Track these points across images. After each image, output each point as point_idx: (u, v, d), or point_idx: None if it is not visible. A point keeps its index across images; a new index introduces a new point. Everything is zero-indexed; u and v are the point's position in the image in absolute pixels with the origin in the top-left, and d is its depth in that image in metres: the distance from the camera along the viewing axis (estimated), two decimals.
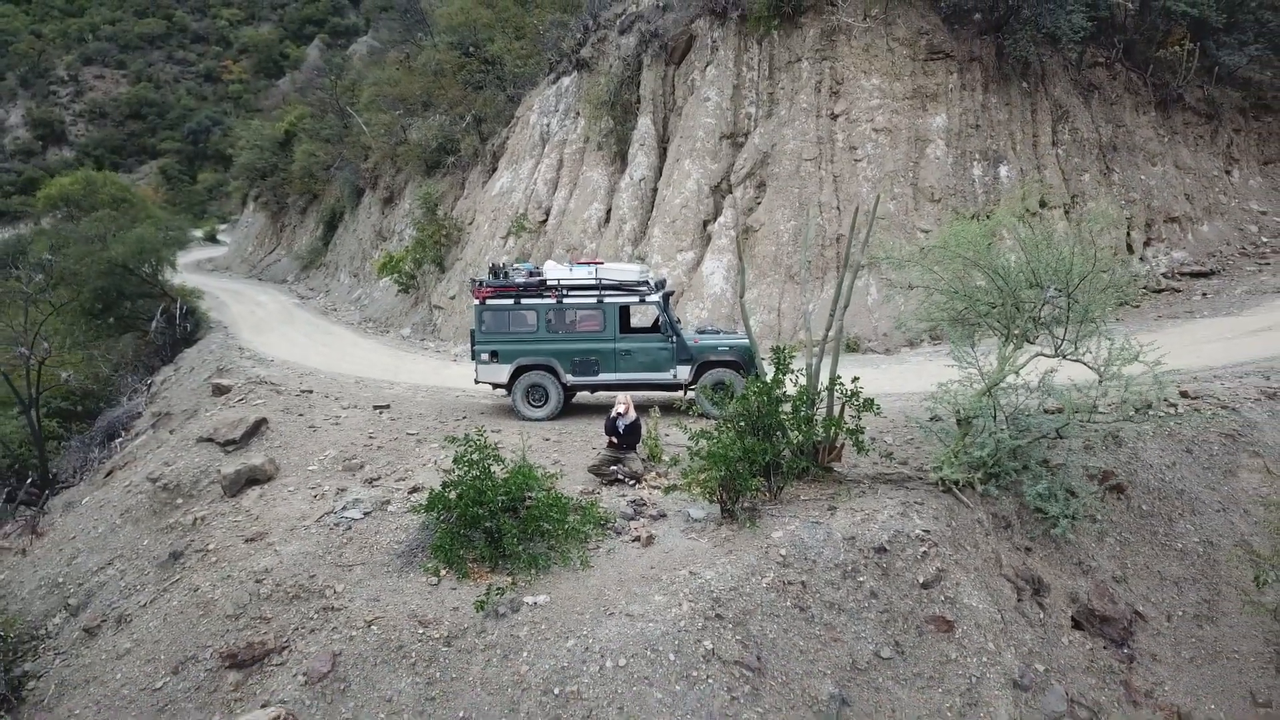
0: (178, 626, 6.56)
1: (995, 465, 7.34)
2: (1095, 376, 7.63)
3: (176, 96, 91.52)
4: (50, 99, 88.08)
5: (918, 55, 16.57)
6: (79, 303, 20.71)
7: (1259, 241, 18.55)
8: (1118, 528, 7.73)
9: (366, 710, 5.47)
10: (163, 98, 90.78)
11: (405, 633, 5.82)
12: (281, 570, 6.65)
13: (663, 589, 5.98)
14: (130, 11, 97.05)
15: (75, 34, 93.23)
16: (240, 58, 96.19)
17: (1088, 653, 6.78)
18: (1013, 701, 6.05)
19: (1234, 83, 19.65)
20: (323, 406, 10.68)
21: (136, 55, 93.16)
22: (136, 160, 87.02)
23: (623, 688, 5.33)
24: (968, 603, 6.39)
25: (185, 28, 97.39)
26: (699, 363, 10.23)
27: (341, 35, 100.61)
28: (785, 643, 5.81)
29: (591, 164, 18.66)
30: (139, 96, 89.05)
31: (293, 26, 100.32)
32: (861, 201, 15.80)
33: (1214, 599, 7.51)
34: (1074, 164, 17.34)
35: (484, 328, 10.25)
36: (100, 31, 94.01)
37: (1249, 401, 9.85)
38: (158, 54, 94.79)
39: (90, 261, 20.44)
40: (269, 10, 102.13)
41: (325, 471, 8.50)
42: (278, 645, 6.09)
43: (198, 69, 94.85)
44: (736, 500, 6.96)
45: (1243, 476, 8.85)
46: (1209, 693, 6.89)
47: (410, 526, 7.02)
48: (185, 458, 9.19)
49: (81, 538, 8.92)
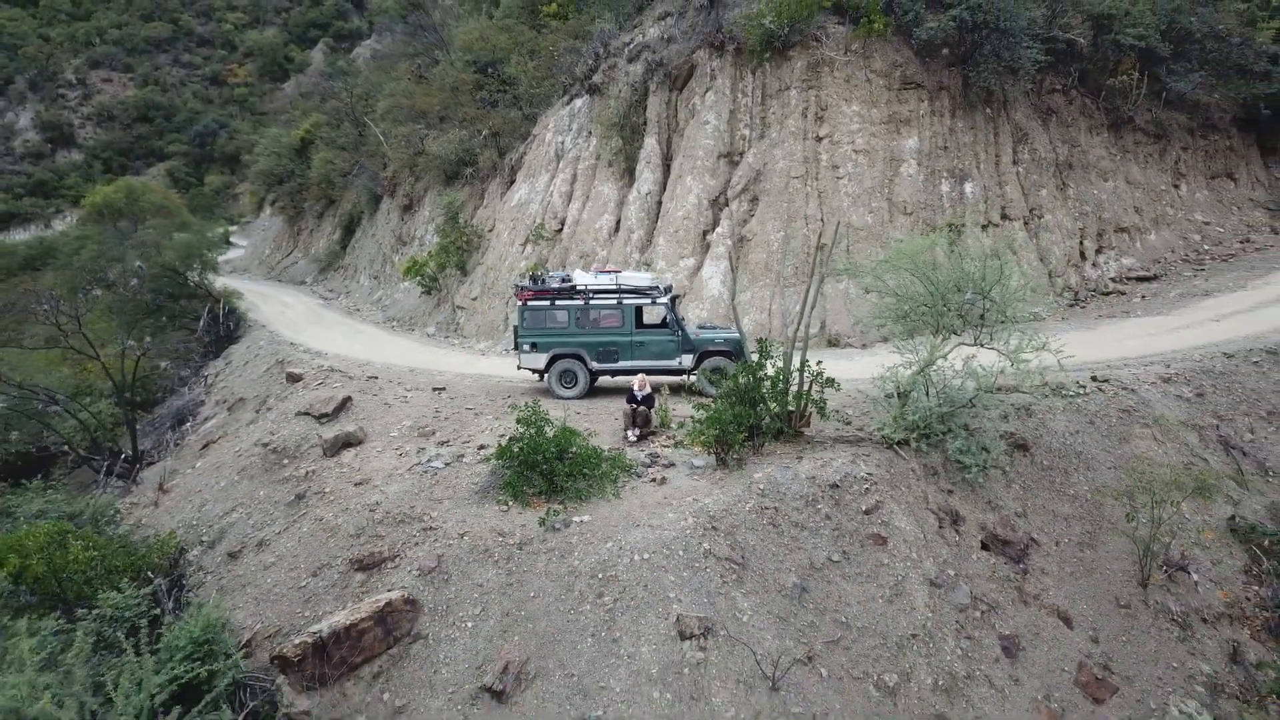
0: (310, 545, 8.92)
1: (926, 428, 9.70)
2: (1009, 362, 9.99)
3: (183, 100, 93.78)
4: (59, 102, 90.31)
5: (893, 85, 18.97)
6: (136, 303, 23.03)
7: (1201, 249, 20.97)
8: (1022, 477, 10.11)
9: (464, 592, 7.84)
10: (169, 101, 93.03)
11: (488, 541, 8.18)
12: (388, 503, 9.02)
13: (673, 510, 8.35)
14: (136, 15, 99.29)
15: (83, 38, 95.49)
16: (245, 61, 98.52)
17: (991, 566, 9.15)
18: (928, 594, 8.42)
19: (1182, 105, 22.05)
20: (389, 389, 13.06)
21: (143, 59, 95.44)
22: (144, 163, 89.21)
23: (646, 573, 7.70)
24: (899, 525, 8.76)
25: (191, 31, 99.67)
26: (699, 352, 12.65)
27: (345, 39, 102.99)
28: (761, 548, 8.19)
29: (602, 179, 21.03)
30: (146, 100, 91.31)
31: (297, 30, 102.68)
32: (843, 215, 18.21)
33: (1095, 531, 9.89)
34: (1033, 180, 19.75)
35: (525, 324, 12.68)
36: (107, 35, 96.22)
37: (1147, 384, 12.26)
38: (164, 57, 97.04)
39: (148, 265, 22.75)
40: (273, 14, 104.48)
41: (404, 437, 10.88)
42: (391, 554, 8.45)
43: (203, 72, 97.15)
44: (728, 452, 9.33)
45: (1134, 442, 11.23)
46: (1083, 598, 9.27)
47: (482, 473, 9.38)
48: (288, 428, 11.56)
49: (205, 491, 11.26)
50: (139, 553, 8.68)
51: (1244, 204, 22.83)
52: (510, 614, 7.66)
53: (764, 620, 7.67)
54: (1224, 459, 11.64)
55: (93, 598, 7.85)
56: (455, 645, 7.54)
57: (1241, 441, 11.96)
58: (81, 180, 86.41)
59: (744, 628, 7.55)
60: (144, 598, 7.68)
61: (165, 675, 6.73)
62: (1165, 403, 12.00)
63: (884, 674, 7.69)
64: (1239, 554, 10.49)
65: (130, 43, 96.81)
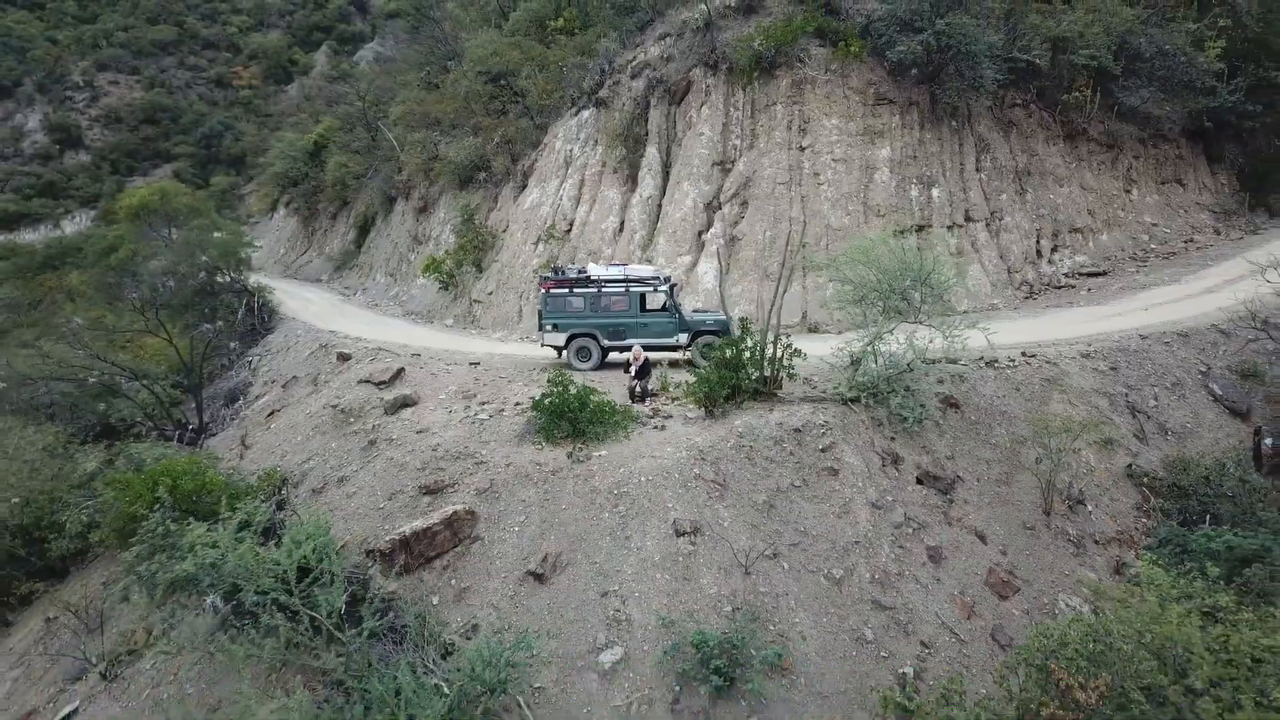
0: (384, 478, 11.48)
1: (874, 388, 12.27)
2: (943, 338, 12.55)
3: (189, 102, 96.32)
4: (67, 104, 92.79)
5: (868, 101, 21.58)
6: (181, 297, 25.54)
7: (1148, 248, 23.59)
8: (953, 429, 12.69)
9: (511, 505, 10.40)
10: (175, 103, 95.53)
11: (528, 469, 10.75)
12: (445, 445, 11.59)
13: (671, 446, 10.92)
14: (142, 18, 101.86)
15: (89, 40, 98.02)
16: (250, 64, 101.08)
17: (923, 496, 11.72)
18: (870, 514, 10.98)
19: (1134, 118, 24.65)
20: (431, 364, 15.63)
21: (149, 61, 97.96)
22: (151, 164, 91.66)
23: (650, 490, 10.27)
24: (848, 461, 11.33)
25: (196, 34, 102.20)
26: (693, 332, 15.26)
27: (348, 42, 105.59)
28: (739, 474, 10.75)
29: (608, 184, 23.62)
30: (152, 102, 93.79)
31: (300, 33, 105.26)
32: (823, 217, 20.81)
33: (1011, 472, 12.46)
34: (994, 186, 22.35)
35: (548, 308, 15.27)
36: (114, 38, 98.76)
37: (1068, 359, 14.86)
38: (169, 60, 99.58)
39: (190, 263, 25.28)
40: (277, 17, 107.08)
41: (451, 399, 13.44)
42: (451, 482, 11.01)
43: (209, 75, 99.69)
44: (714, 406, 11.91)
45: (1052, 404, 13.80)
46: (997, 522, 11.83)
47: (519, 422, 11.96)
48: (352, 393, 14.13)
49: (283, 446, 13.81)
50: (251, 483, 11.21)
51: (1191, 207, 25.45)
52: (546, 521, 10.22)
53: (740, 526, 10.23)
54: (1130, 420, 14.24)
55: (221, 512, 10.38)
56: (505, 544, 10.10)
57: (1146, 407, 14.57)
58: (90, 181, 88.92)
59: (724, 531, 10.11)
60: (267, 509, 10.21)
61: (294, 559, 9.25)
62: (1082, 374, 14.60)
63: (832, 569, 10.24)
64: (1133, 494, 13.08)
65: (136, 45, 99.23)
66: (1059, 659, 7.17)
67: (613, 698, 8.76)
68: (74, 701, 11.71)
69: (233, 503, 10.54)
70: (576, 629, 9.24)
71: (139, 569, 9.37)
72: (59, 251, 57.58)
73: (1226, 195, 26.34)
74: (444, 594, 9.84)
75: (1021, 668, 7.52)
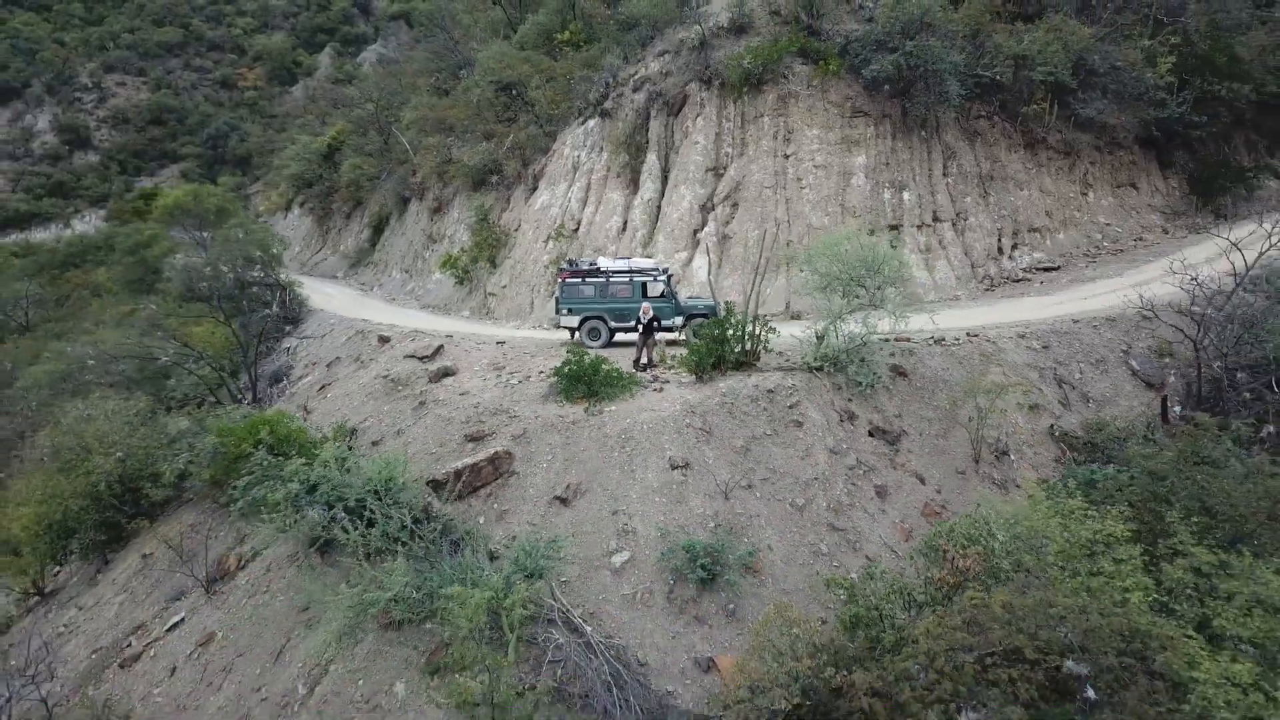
0: (435, 430, 14.32)
1: (834, 359, 15.12)
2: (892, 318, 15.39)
3: (194, 103, 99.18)
4: (75, 105, 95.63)
5: (845, 114, 24.45)
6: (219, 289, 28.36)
7: (1100, 246, 26.47)
8: (901, 393, 15.54)
9: (540, 448, 13.24)
10: (181, 104, 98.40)
11: (553, 420, 13.60)
12: (484, 404, 14.44)
13: (667, 403, 13.78)
14: (148, 20, 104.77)
15: (97, 42, 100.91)
16: (254, 65, 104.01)
17: (873, 446, 14.56)
18: (828, 457, 13.82)
19: (1090, 127, 27.53)
20: (462, 344, 18.48)
21: (156, 63, 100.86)
22: (158, 164, 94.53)
23: (650, 435, 13.12)
24: (811, 416, 14.18)
25: (201, 36, 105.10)
26: (687, 315, 18.12)
27: (352, 44, 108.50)
28: (721, 425, 13.60)
29: (612, 187, 26.49)
30: (159, 103, 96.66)
31: (304, 35, 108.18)
32: (805, 218, 23.65)
33: (948, 429, 15.31)
34: (959, 189, 25.23)
35: (564, 295, 18.15)
36: (120, 39, 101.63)
37: (1006, 339, 17.73)
38: (175, 62, 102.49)
39: (232, 260, 28.11)
40: (281, 19, 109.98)
41: (484, 370, 16.29)
42: (491, 431, 13.85)
43: (214, 76, 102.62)
44: (703, 373, 14.76)
45: (988, 375, 16.63)
46: (934, 468, 14.67)
47: (543, 386, 14.81)
48: (399, 365, 16.98)
49: (342, 410, 16.64)
50: (326, 434, 14.05)
51: (1143, 209, 28.31)
52: (568, 459, 13.07)
53: (721, 463, 13.08)
54: (1056, 390, 17.11)
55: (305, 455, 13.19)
56: (536, 477, 12.95)
57: (1072, 379, 17.44)
58: (99, 181, 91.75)
59: (709, 466, 12.96)
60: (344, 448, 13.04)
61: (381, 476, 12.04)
62: (1017, 351, 17.47)
63: (795, 498, 13.08)
64: (1053, 449, 15.94)
65: (143, 47, 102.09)
66: (947, 539, 10.02)
67: (622, 588, 11.60)
68: (179, 614, 14.58)
69: (312, 450, 13.41)
70: (593, 538, 12.08)
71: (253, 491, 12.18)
72: (79, 250, 60.52)
73: (1177, 198, 29.21)
74: (488, 515, 12.69)
75: (923, 550, 10.37)
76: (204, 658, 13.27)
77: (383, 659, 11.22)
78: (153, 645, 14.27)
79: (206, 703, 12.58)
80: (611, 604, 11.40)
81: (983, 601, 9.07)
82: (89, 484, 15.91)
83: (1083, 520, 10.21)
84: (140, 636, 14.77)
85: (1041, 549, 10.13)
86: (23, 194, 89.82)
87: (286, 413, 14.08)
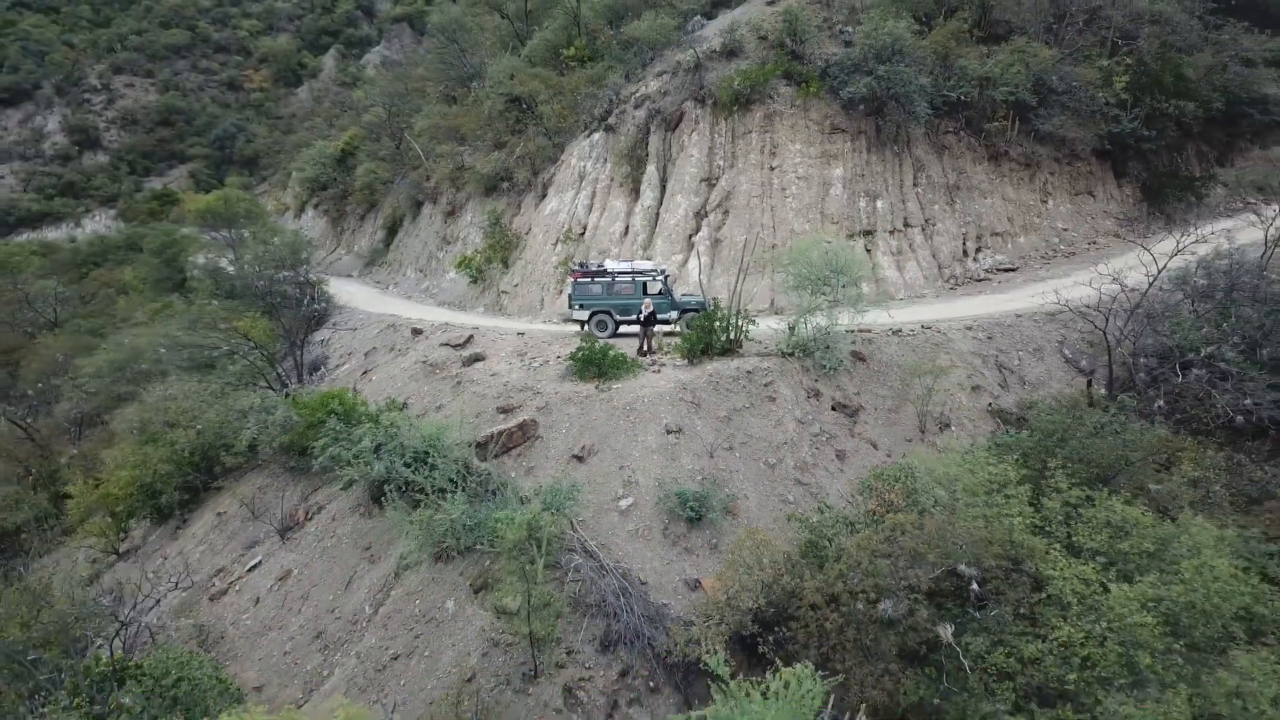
0: (471, 403, 17.52)
1: (804, 346, 18.31)
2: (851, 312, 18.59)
3: (202, 104, 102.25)
4: (84, 106, 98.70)
5: (825, 130, 27.65)
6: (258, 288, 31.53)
7: (1057, 249, 29.68)
8: (861, 374, 18.75)
9: (560, 417, 16.46)
10: (189, 105, 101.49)
11: (570, 395, 16.82)
12: (512, 382, 17.65)
13: (664, 381, 17.01)
14: (155, 22, 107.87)
15: (105, 44, 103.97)
16: (260, 67, 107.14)
17: (835, 418, 17.76)
18: (796, 426, 17.02)
19: (1050, 140, 30.70)
20: (488, 334, 21.69)
21: (163, 65, 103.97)
22: (167, 165, 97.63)
23: (650, 407, 16.35)
24: (783, 393, 17.38)
25: (208, 38, 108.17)
26: (681, 309, 21.33)
27: (355, 46, 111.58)
28: (708, 399, 16.81)
29: (615, 196, 29.68)
30: (167, 105, 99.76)
31: (309, 37, 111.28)
32: (789, 224, 26.84)
33: (899, 405, 18.52)
34: (928, 198, 28.43)
35: (576, 293, 21.35)
36: (128, 41, 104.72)
37: (955, 330, 20.95)
38: (182, 63, 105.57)
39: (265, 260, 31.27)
40: (286, 21, 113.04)
41: (509, 355, 19.48)
42: (518, 404, 17.07)
43: (220, 78, 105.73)
44: (694, 358, 17.98)
45: (937, 361, 19.83)
46: (887, 436, 17.87)
47: (560, 368, 18.03)
48: (436, 352, 20.18)
49: (386, 390, 19.82)
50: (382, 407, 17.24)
51: (1099, 215, 31.52)
52: (583, 426, 16.27)
53: (707, 430, 16.27)
54: (996, 374, 20.32)
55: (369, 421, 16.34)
56: (557, 440, 16.15)
57: (1011, 364, 20.66)
58: (108, 181, 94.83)
59: (698, 432, 16.15)
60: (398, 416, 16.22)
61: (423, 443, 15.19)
62: (963, 340, 20.69)
63: (768, 459, 16.28)
64: (991, 423, 19.13)
65: (151, 49, 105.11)
66: (878, 480, 13.22)
67: (627, 525, 14.79)
68: (258, 557, 17.76)
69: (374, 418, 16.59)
70: (603, 487, 15.27)
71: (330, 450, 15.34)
72: (100, 250, 63.62)
73: (1131, 205, 32.40)
74: (518, 471, 15.88)
75: (860, 489, 13.57)
76: (283, 589, 16.47)
77: (435, 584, 14.43)
78: (236, 583, 17.48)
79: (289, 623, 15.80)
80: (619, 538, 14.60)
81: (899, 522, 12.30)
82: (173, 452, 19.08)
83: (984, 466, 13.42)
84: (223, 577, 17.99)
85: (952, 488, 13.35)
86: (34, 194, 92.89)
87: (347, 389, 17.24)
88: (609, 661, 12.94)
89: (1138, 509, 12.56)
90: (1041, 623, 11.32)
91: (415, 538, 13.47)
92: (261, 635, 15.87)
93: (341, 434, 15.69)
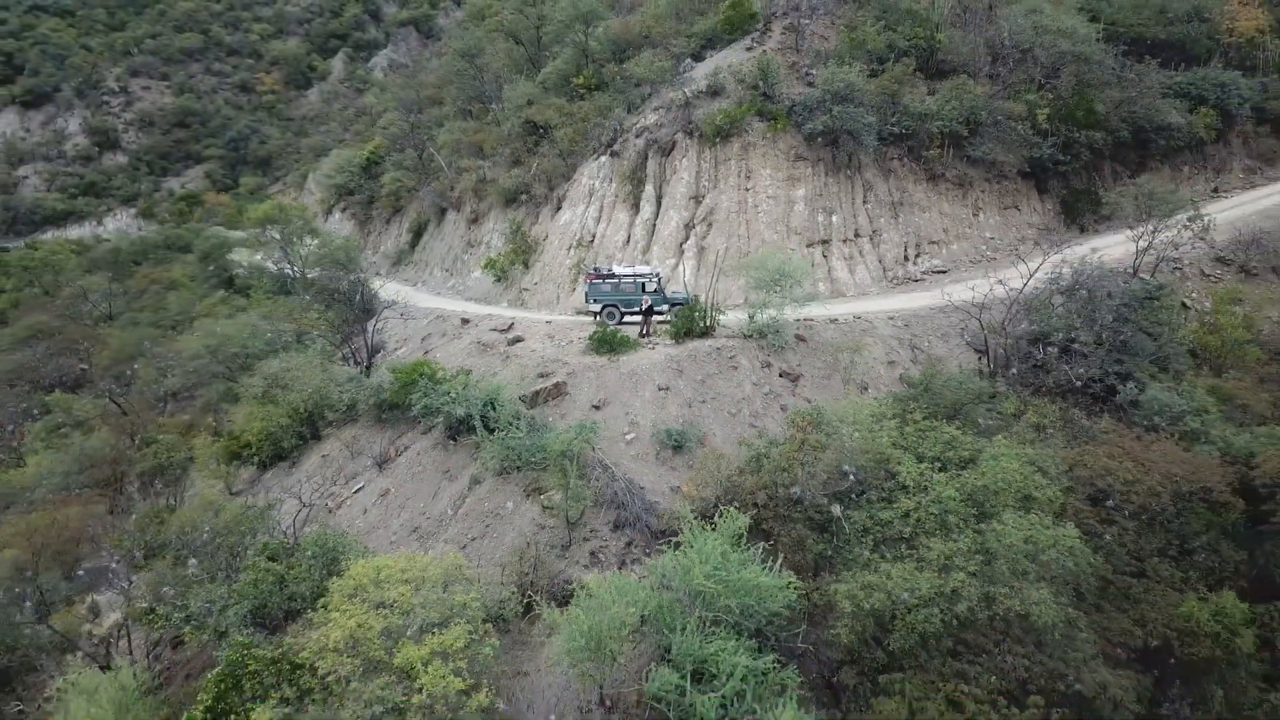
0: (517, 371, 25.01)
1: (760, 331, 25.75)
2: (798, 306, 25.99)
3: (216, 106, 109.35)
4: (103, 108, 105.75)
5: (790, 158, 35.07)
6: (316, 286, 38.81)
7: (985, 255, 37.14)
8: (802, 351, 26.24)
9: (583, 379, 23.97)
10: (204, 107, 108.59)
11: (589, 365, 24.36)
12: (546, 356, 25.17)
13: (658, 355, 24.59)
14: (169, 26, 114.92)
15: (121, 47, 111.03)
16: (271, 69, 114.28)
17: (782, 382, 25.22)
18: (752, 387, 24.49)
19: (981, 164, 38.13)
20: (522, 322, 29.08)
21: (178, 68, 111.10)
22: (183, 165, 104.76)
23: (647, 371, 23.89)
24: (743, 364, 24.87)
25: (220, 41, 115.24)
26: (671, 303, 28.78)
27: (363, 49, 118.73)
28: (689, 367, 24.31)
29: (619, 210, 37.08)
30: (183, 107, 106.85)
31: (318, 40, 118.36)
32: (760, 235, 34.27)
33: (831, 373, 26.01)
34: (876, 213, 35.87)
35: (590, 290, 28.80)
36: (144, 45, 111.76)
37: (880, 320, 28.46)
38: (197, 66, 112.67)
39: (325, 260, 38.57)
40: (296, 25, 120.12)
41: (542, 337, 26.92)
42: (552, 371, 24.60)
43: (233, 80, 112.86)
44: (679, 339, 25.47)
45: (865, 344, 27.24)
46: (820, 395, 25.34)
47: (582, 345, 25.58)
48: (486, 335, 27.62)
49: (450, 363, 27.23)
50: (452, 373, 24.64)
51: (1023, 226, 38.94)
52: (599, 385, 23.73)
53: (688, 388, 23.72)
54: (909, 353, 27.78)
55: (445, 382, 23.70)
56: (581, 395, 23.61)
57: (922, 345, 28.14)
58: (128, 181, 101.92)
59: (680, 389, 23.61)
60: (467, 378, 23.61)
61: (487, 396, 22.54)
62: (885, 328, 28.15)
63: (730, 410, 23.73)
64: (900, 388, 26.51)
65: (166, 52, 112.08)
66: (797, 415, 20.67)
67: (631, 451, 22.23)
68: (361, 483, 25.17)
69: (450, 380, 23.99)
70: (614, 427, 22.68)
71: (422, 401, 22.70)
72: (141, 249, 70.99)
73: (1051, 217, 39.81)
74: (554, 416, 23.30)
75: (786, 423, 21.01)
76: (384, 502, 23.89)
77: (498, 492, 21.86)
78: (346, 501, 24.88)
79: (391, 523, 23.23)
80: (625, 459, 22.02)
81: (806, 439, 19.74)
82: (290, 409, 26.47)
83: (866, 407, 20.88)
84: (334, 499, 25.37)
85: (847, 421, 20.79)
86: (58, 193, 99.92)
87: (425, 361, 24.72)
88: (619, 536, 20.36)
89: (968, 434, 20.02)
90: (893, 500, 18.76)
91: (493, 455, 20.87)
92: (371, 533, 23.28)
93: (430, 389, 23.08)
